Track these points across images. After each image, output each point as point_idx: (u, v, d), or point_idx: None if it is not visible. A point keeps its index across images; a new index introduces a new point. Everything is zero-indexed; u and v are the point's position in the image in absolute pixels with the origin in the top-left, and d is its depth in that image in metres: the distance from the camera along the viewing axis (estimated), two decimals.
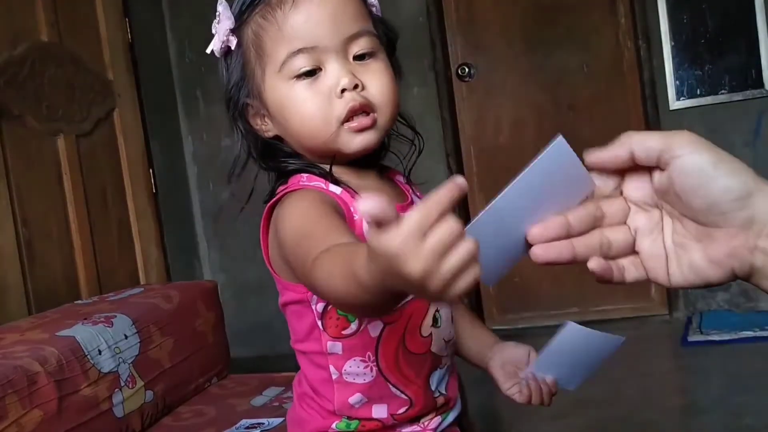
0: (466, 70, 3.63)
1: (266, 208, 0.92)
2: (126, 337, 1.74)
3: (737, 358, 2.89)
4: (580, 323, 0.91)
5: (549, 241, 0.57)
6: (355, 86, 0.85)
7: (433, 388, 0.94)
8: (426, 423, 0.94)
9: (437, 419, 0.96)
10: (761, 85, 3.29)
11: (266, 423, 1.69)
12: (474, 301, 3.61)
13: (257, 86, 0.89)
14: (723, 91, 3.34)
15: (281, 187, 0.92)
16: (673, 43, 3.37)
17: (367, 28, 0.88)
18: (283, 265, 0.89)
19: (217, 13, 0.89)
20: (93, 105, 2.97)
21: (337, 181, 0.89)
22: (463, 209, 3.62)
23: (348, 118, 0.86)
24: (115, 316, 1.77)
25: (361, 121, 0.86)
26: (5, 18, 2.60)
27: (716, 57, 3.34)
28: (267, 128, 0.92)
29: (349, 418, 0.92)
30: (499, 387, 1.02)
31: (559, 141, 0.60)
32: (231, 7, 0.90)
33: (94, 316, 1.76)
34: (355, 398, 0.91)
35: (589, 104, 3.53)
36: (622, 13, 3.51)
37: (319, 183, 0.89)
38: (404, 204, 0.95)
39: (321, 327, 0.90)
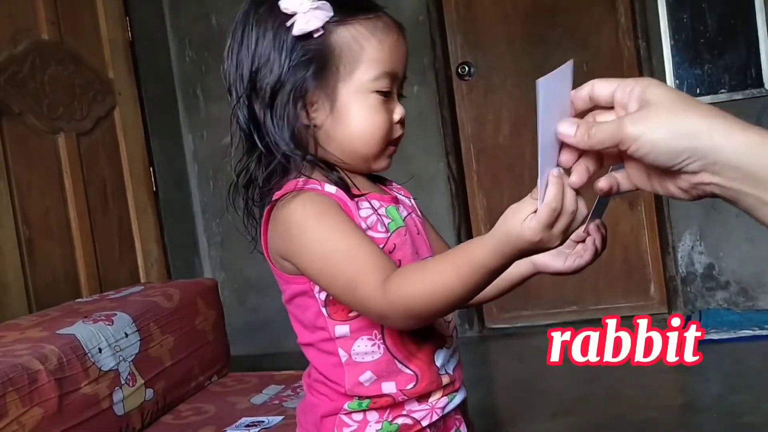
0: (466, 68, 3.64)
1: (267, 208, 0.96)
2: (126, 335, 1.74)
3: (736, 356, 2.89)
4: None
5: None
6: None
7: (438, 365, 0.99)
8: (434, 402, 0.98)
9: (444, 399, 1.00)
10: (761, 84, 3.29)
11: (266, 421, 1.70)
12: None
13: (335, 81, 0.95)
14: (723, 91, 3.34)
15: (283, 189, 0.95)
16: (672, 42, 3.37)
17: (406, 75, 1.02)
18: (285, 262, 0.95)
19: (318, 3, 0.94)
20: (93, 103, 2.97)
21: (347, 187, 0.96)
22: (462, 208, 3.62)
23: (393, 142, 1.00)
24: (116, 314, 1.77)
25: (394, 148, 1.01)
26: (6, 16, 2.60)
27: (716, 56, 3.34)
28: (317, 118, 0.97)
29: (360, 397, 0.96)
30: (555, 271, 1.10)
31: (569, 64, 0.77)
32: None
33: (94, 314, 1.76)
34: (365, 376, 0.96)
35: None
36: (621, 11, 3.51)
37: (315, 185, 0.94)
38: (392, 198, 1.03)
39: (326, 314, 0.95)
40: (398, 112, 0.98)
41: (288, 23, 0.93)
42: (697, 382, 2.82)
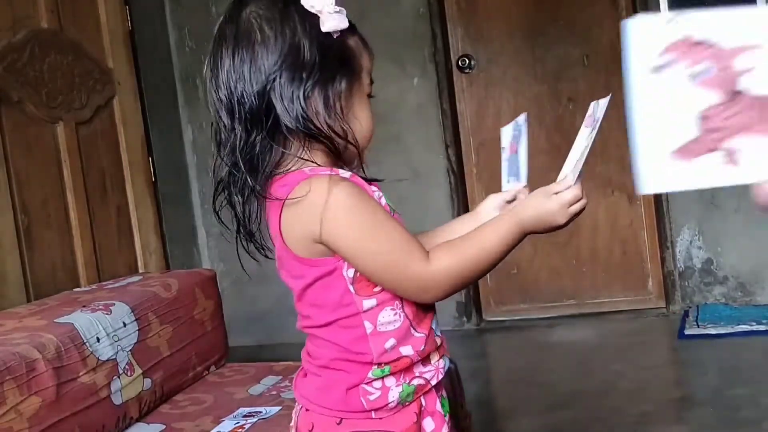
0: (467, 61, 3.63)
1: (274, 191, 1.03)
2: (125, 324, 1.74)
3: (733, 351, 2.90)
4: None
5: None
6: None
7: (434, 327, 1.11)
8: (437, 364, 1.11)
9: (442, 361, 1.12)
10: None
11: (264, 411, 1.70)
12: (471, 292, 3.61)
13: (351, 80, 1.06)
14: None
15: (296, 177, 1.02)
16: None
17: None
18: (316, 245, 1.01)
19: (340, 8, 1.04)
20: (93, 92, 2.97)
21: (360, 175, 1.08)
22: (461, 200, 3.62)
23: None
24: (114, 304, 1.77)
25: None
26: (5, 4, 2.59)
27: None
28: (335, 108, 1.05)
29: (379, 365, 1.06)
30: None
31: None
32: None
33: (92, 304, 1.76)
34: (389, 343, 1.06)
35: (590, 96, 3.51)
36: (623, 5, 3.51)
37: (330, 171, 1.02)
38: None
39: (353, 291, 1.04)
40: (373, 115, 1.11)
41: (315, 20, 1.03)
42: (695, 376, 2.83)
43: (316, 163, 1.03)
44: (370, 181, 1.08)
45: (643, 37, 0.39)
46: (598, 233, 3.58)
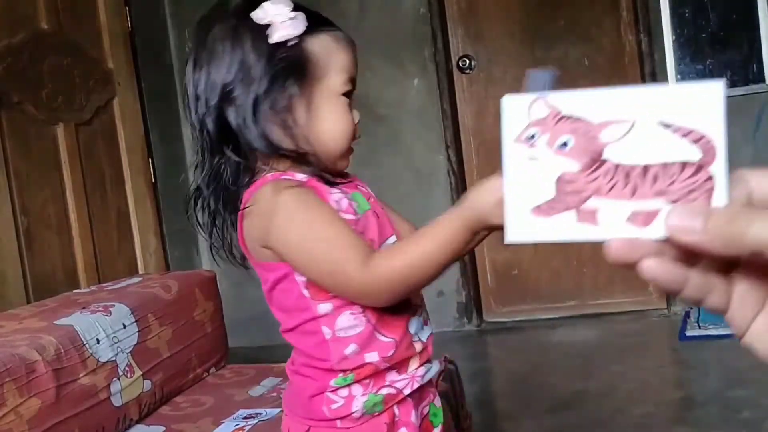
0: (467, 61, 3.63)
1: (243, 201, 1.04)
2: (124, 326, 1.74)
3: (735, 352, 2.88)
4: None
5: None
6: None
7: (412, 332, 1.06)
8: (413, 372, 1.06)
9: (422, 369, 1.07)
10: (762, 79, 3.28)
11: (264, 413, 1.70)
12: (472, 293, 3.61)
13: (311, 85, 1.03)
14: None
15: (255, 185, 1.03)
16: (674, 37, 3.36)
17: None
18: (265, 250, 1.02)
19: (281, 9, 1.02)
20: (92, 93, 2.96)
21: (318, 176, 1.04)
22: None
23: (351, 142, 1.08)
24: (114, 305, 1.77)
25: (352, 150, 1.09)
26: (5, 5, 2.59)
27: (718, 51, 3.34)
28: (296, 120, 1.04)
29: (344, 372, 1.03)
30: None
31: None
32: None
33: (92, 305, 1.75)
34: (349, 349, 1.02)
35: None
36: (623, 6, 3.50)
37: (287, 175, 1.03)
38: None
39: (308, 295, 1.02)
40: (356, 115, 1.08)
41: (265, 32, 1.01)
42: (696, 377, 2.82)
43: (277, 169, 1.03)
44: (339, 183, 1.05)
45: (514, 112, 0.47)
46: None
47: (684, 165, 0.42)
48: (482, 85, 3.64)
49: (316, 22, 1.05)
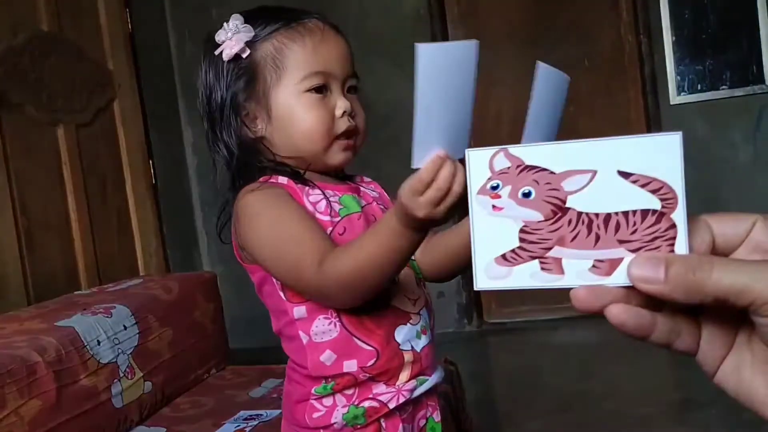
0: None
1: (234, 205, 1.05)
2: (125, 327, 1.74)
3: None
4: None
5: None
6: (351, 113, 1.03)
7: (399, 341, 1.01)
8: (401, 385, 1.01)
9: (413, 383, 1.02)
10: (762, 80, 3.28)
11: (264, 414, 1.70)
12: (473, 294, 3.61)
13: (265, 91, 1.03)
14: (724, 87, 3.33)
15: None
16: (674, 38, 3.37)
17: (356, 72, 1.08)
18: (243, 251, 1.04)
19: (234, 25, 1.04)
20: (93, 95, 2.97)
21: (305, 182, 1.03)
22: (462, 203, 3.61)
23: (341, 136, 1.03)
24: (114, 307, 1.77)
25: (348, 142, 1.04)
26: (6, 7, 2.59)
27: (717, 52, 3.34)
28: (256, 129, 1.05)
29: (326, 380, 1.01)
30: None
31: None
32: (244, 22, 1.04)
33: (93, 307, 1.75)
34: (325, 356, 1.00)
35: (590, 98, 3.53)
36: (623, 7, 3.50)
37: (268, 178, 1.03)
38: (353, 191, 1.08)
39: (284, 297, 1.02)
40: (340, 107, 1.02)
41: (217, 51, 1.05)
42: (697, 377, 2.81)
43: (277, 171, 1.04)
44: (316, 184, 1.02)
45: (477, 164, 0.48)
46: None
47: (646, 213, 0.43)
48: (483, 86, 3.63)
49: (275, 22, 1.03)
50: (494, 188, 0.47)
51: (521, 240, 0.45)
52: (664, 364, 3.02)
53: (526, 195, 0.46)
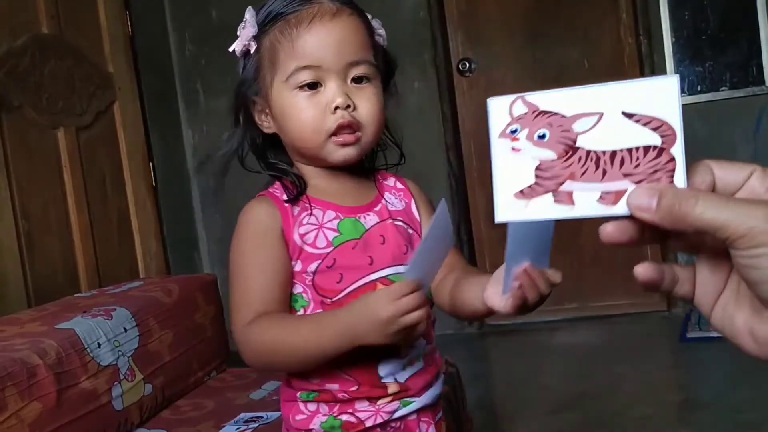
0: (467, 64, 3.63)
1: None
2: (125, 330, 1.74)
3: (736, 354, 2.87)
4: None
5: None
6: (348, 106, 0.97)
7: (381, 374, 1.00)
8: (382, 406, 1.00)
9: (395, 404, 1.00)
10: (762, 82, 3.28)
11: (265, 416, 1.69)
12: None
13: (266, 88, 1.01)
14: (724, 88, 3.33)
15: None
16: (674, 39, 3.37)
17: (367, 58, 1.00)
18: None
19: (245, 20, 1.01)
20: (93, 97, 2.97)
21: (300, 193, 1.01)
22: (462, 204, 3.62)
23: (335, 132, 0.97)
24: (115, 309, 1.77)
25: (346, 137, 0.98)
26: (6, 9, 2.59)
27: (717, 53, 3.34)
28: (268, 125, 1.04)
29: (310, 391, 1.02)
30: (497, 310, 0.93)
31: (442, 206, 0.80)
32: (257, 15, 1.01)
33: (93, 309, 1.75)
34: (309, 375, 1.02)
35: None
36: (623, 8, 3.50)
37: (274, 190, 1.03)
38: (368, 204, 1.04)
39: None
40: (332, 101, 0.96)
41: (231, 48, 1.03)
42: (697, 378, 2.82)
43: (286, 173, 1.06)
44: (310, 203, 1.00)
45: (498, 110, 0.54)
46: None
47: (648, 149, 0.48)
48: (482, 87, 3.64)
49: (276, 15, 0.99)
50: (513, 132, 0.52)
51: (537, 177, 0.51)
52: (664, 364, 3.02)
53: (542, 137, 0.51)
